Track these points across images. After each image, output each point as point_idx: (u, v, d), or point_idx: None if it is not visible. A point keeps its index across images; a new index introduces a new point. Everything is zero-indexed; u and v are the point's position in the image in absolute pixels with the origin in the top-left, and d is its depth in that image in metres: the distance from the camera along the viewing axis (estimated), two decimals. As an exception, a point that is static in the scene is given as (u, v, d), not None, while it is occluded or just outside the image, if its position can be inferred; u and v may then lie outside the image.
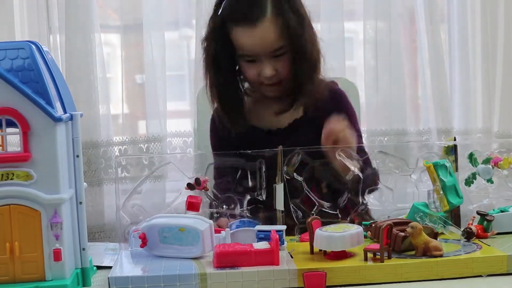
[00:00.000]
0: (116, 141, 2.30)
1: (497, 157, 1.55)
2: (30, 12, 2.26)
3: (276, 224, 1.48)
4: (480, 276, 1.28)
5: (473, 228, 1.44)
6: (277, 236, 1.30)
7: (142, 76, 2.37)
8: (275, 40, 1.70)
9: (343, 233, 1.31)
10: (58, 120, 1.20)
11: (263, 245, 1.31)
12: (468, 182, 1.56)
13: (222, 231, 1.42)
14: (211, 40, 1.76)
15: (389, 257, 1.30)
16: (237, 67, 1.82)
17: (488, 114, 2.41)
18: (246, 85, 1.87)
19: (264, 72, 1.72)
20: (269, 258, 1.28)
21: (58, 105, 1.25)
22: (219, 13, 1.74)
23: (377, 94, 2.37)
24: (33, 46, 1.23)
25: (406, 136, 2.36)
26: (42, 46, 1.27)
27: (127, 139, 2.31)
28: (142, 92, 2.38)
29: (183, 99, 2.50)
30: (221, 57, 1.75)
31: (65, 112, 1.27)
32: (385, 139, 2.36)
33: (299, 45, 1.71)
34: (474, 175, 1.56)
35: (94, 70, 2.24)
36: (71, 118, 1.27)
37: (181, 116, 2.43)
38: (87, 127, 2.21)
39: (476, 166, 1.56)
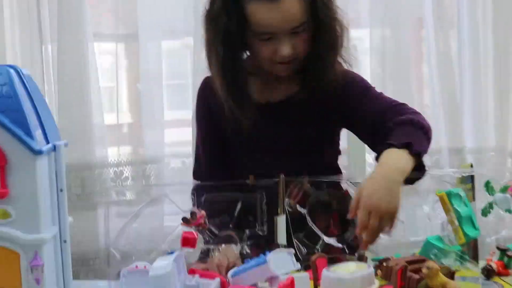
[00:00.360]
0: (111, 162, 2.23)
1: (516, 185, 1.45)
2: (22, 23, 2.23)
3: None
4: (502, 320, 1.19)
5: (493, 265, 1.35)
6: (293, 278, 1.20)
7: (139, 86, 2.35)
8: (299, 16, 1.54)
9: (354, 276, 1.20)
10: (38, 153, 1.10)
11: None
12: (485, 212, 1.46)
13: (216, 278, 1.28)
14: (222, 15, 1.58)
15: (403, 301, 1.20)
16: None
17: (502, 132, 2.33)
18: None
19: (282, 51, 1.56)
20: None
21: (39, 134, 1.14)
22: None
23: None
24: (12, 71, 1.13)
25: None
26: (22, 70, 1.17)
27: (122, 161, 2.23)
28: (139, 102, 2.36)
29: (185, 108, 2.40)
30: (232, 34, 1.58)
31: (47, 142, 1.16)
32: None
33: (321, 23, 1.56)
34: (491, 205, 1.46)
35: (88, 80, 2.21)
36: (54, 148, 1.17)
37: (181, 125, 2.36)
38: (82, 140, 2.17)
39: (493, 195, 1.46)
